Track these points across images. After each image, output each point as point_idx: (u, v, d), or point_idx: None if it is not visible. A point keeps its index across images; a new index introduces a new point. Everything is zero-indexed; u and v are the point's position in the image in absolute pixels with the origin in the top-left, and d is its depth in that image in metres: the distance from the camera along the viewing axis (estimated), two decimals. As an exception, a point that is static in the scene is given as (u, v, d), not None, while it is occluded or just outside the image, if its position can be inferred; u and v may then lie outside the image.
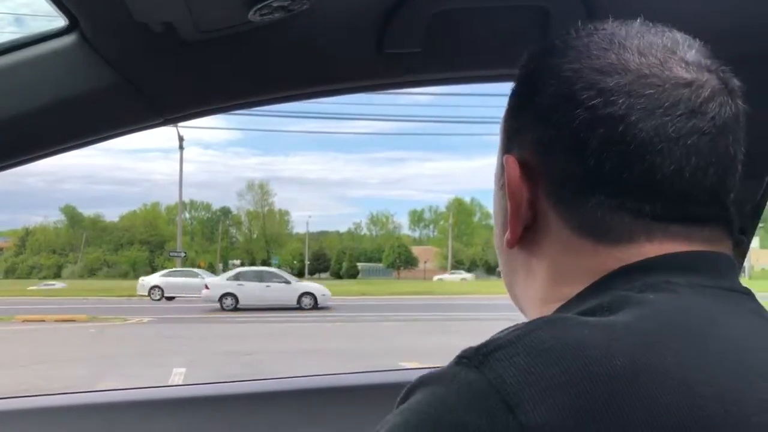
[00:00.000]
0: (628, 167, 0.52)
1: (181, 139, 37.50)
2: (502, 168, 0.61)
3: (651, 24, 0.57)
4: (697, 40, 0.57)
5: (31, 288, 35.73)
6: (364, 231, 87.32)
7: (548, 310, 0.55)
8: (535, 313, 0.59)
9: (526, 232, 0.58)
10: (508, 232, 0.59)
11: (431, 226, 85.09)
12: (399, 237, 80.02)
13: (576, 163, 0.53)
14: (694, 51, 0.55)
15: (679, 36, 0.56)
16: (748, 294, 0.54)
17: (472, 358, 0.44)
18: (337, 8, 0.82)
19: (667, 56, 0.53)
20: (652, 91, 0.52)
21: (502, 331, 0.47)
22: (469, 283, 44.72)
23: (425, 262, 69.43)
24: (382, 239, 79.86)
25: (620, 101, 0.52)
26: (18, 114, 0.85)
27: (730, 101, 0.54)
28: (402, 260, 70.50)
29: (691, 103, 0.52)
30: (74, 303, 24.34)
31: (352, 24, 0.85)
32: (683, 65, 0.53)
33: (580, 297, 0.53)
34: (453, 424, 0.41)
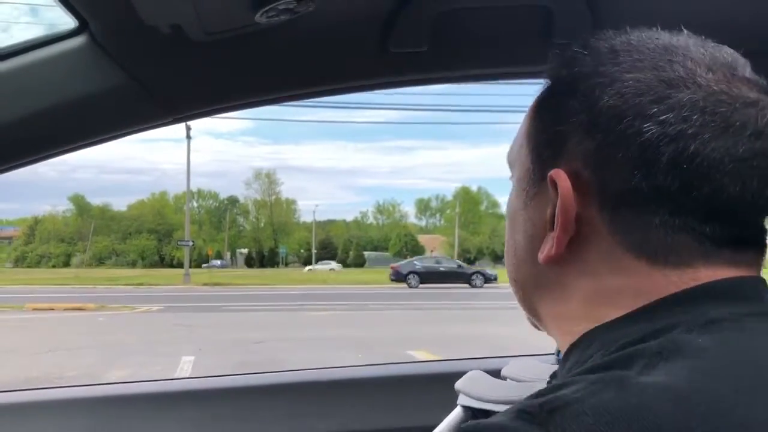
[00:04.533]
0: (697, 187, 0.50)
1: (188, 128, 37.53)
2: (533, 176, 0.58)
3: (697, 36, 0.56)
4: (714, 38, 0.56)
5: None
6: (371, 220, 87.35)
7: (582, 328, 0.54)
8: (563, 330, 0.58)
9: (566, 248, 0.55)
10: (550, 246, 0.55)
11: (438, 215, 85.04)
12: (406, 226, 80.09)
13: (641, 178, 0.51)
14: (749, 70, 0.54)
15: (733, 52, 0.55)
16: None
17: (536, 415, 0.42)
18: (342, 9, 0.83)
19: (731, 73, 0.52)
20: (724, 109, 0.50)
21: (556, 387, 0.45)
22: (338, 273, 45.47)
23: (432, 250, 69.44)
24: (389, 228, 79.89)
25: (694, 118, 0.50)
26: (29, 114, 0.87)
27: None
28: (409, 249, 70.55)
29: (758, 124, 0.50)
30: (83, 291, 24.50)
31: (358, 24, 0.86)
32: (746, 83, 0.52)
33: (622, 322, 0.52)
34: None
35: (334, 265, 48.63)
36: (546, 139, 0.58)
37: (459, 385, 0.92)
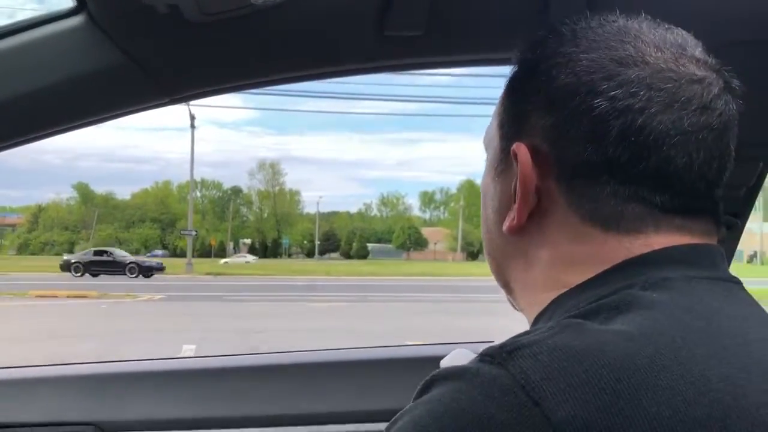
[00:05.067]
0: (645, 158, 0.53)
1: (192, 117, 37.59)
2: (501, 153, 0.62)
3: (653, 19, 0.59)
4: (692, 28, 0.59)
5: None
6: (375, 212, 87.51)
7: (546, 297, 0.57)
8: (529, 300, 0.61)
9: (528, 219, 0.59)
10: (512, 218, 0.59)
11: (442, 208, 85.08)
12: (409, 218, 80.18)
13: (592, 151, 0.54)
14: (699, 50, 0.57)
15: (685, 34, 0.58)
16: (737, 283, 0.56)
17: (495, 356, 0.45)
18: (338, -9, 0.83)
19: (679, 52, 0.55)
20: (669, 85, 0.53)
21: (519, 335, 0.48)
22: (253, 264, 45.90)
23: (435, 243, 69.52)
24: (393, 220, 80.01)
25: (641, 93, 0.53)
26: (25, 93, 0.87)
27: (731, 100, 0.56)
28: (412, 241, 70.64)
29: (703, 99, 0.54)
30: (85, 279, 24.58)
31: (353, 7, 0.86)
32: (694, 62, 0.55)
33: (582, 288, 0.54)
34: (478, 417, 0.41)
35: (249, 257, 48.63)
36: (511, 118, 0.61)
37: (444, 362, 0.94)
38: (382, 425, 0.45)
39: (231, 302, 16.25)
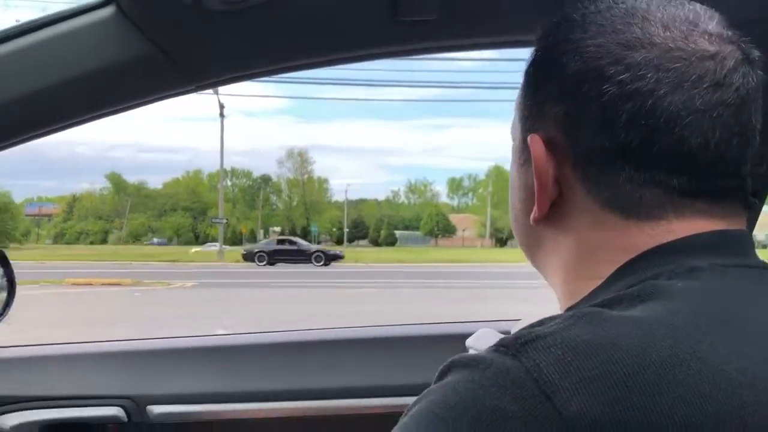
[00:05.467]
0: (657, 140, 0.52)
1: (221, 107, 37.86)
2: (523, 144, 0.61)
3: None
4: (712, 7, 0.57)
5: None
6: (402, 199, 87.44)
7: (577, 288, 0.57)
8: (562, 289, 0.61)
9: (551, 208, 0.59)
10: (535, 208, 0.59)
11: (470, 194, 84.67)
12: (437, 205, 79.98)
13: (604, 137, 0.54)
14: (714, 22, 0.55)
15: (698, 7, 0.56)
16: (767, 268, 0.55)
17: (510, 347, 0.45)
18: (353, -22, 0.86)
19: (690, 29, 0.54)
20: (678, 65, 0.52)
21: (536, 324, 0.48)
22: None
23: (463, 230, 69.30)
24: (420, 207, 79.90)
25: (648, 75, 0.52)
26: (59, 83, 0.92)
27: (751, 72, 0.54)
28: (440, 228, 70.52)
29: (716, 75, 0.52)
30: (119, 267, 25.05)
31: None
32: (706, 37, 0.54)
33: (609, 281, 0.54)
34: (491, 408, 0.42)
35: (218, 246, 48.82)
36: (528, 108, 0.61)
37: (470, 342, 0.97)
38: (409, 399, 0.48)
39: (261, 288, 16.44)
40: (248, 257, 29.16)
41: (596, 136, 0.54)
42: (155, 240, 64.48)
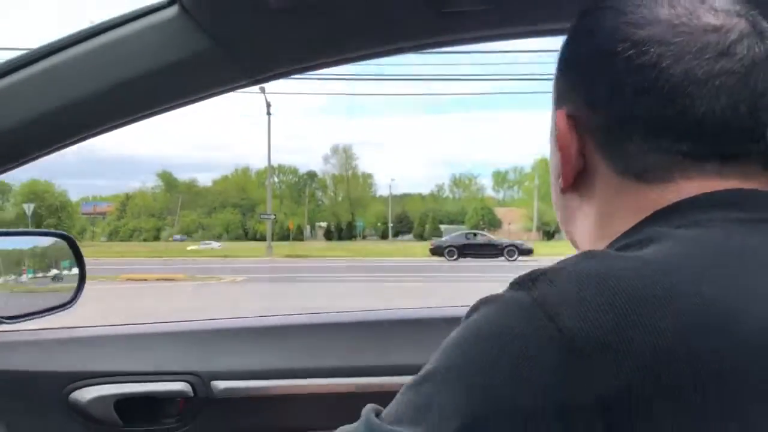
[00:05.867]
0: (662, 110, 0.57)
1: (268, 105, 38.35)
2: (552, 122, 0.67)
3: None
4: None
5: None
6: (447, 193, 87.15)
7: (600, 247, 0.61)
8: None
9: (579, 179, 0.64)
10: (561, 181, 0.66)
11: (516, 187, 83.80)
12: (482, 199, 79.45)
13: (616, 109, 0.59)
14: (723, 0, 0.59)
15: None
16: None
17: (521, 283, 0.51)
18: (399, -27, 0.90)
19: (696, 6, 0.58)
20: (680, 38, 0.56)
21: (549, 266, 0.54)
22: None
23: (509, 223, 68.69)
24: (465, 201, 79.50)
25: (652, 50, 0.57)
26: (127, 79, 0.99)
27: (759, 42, 0.57)
28: (485, 222, 70.02)
29: (719, 46, 0.56)
30: (172, 263, 25.67)
31: None
32: (712, 12, 0.58)
33: (624, 236, 0.58)
34: (503, 329, 0.48)
35: (214, 244, 48.78)
36: (557, 89, 0.68)
37: None
38: None
39: (309, 282, 16.66)
40: (437, 251, 28.39)
41: (609, 109, 0.60)
42: (177, 236, 66.28)
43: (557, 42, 0.72)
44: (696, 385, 0.44)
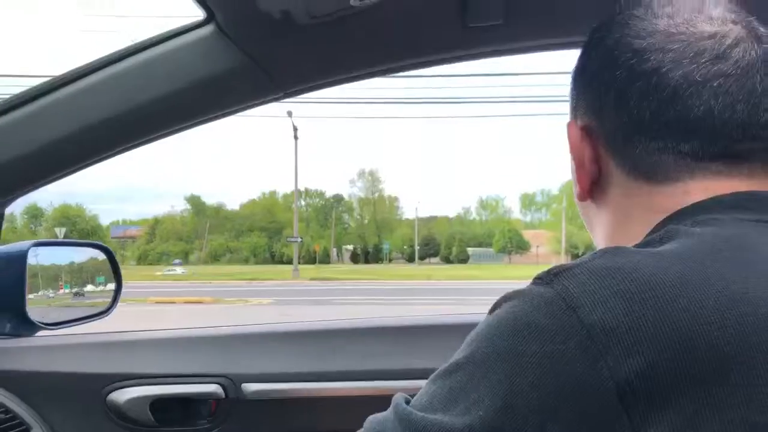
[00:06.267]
0: (664, 112, 0.60)
1: (295, 129, 38.71)
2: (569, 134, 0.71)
3: None
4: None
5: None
6: (474, 215, 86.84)
7: None
8: None
9: (595, 187, 0.69)
10: (576, 188, 0.70)
11: (543, 210, 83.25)
12: (509, 221, 79.00)
13: (622, 115, 0.63)
14: (720, 8, 0.63)
15: None
16: None
17: (544, 278, 0.53)
18: (425, -10, 0.95)
19: (692, 15, 0.63)
20: (678, 45, 0.61)
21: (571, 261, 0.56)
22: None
23: (537, 246, 68.13)
24: (493, 224, 79.10)
25: (652, 57, 0.61)
26: (167, 93, 1.04)
27: (754, 46, 0.61)
28: (513, 245, 69.58)
29: (714, 51, 0.60)
30: (200, 286, 25.88)
31: (438, 3, 0.97)
32: (708, 21, 0.62)
33: (643, 239, 0.60)
34: (527, 323, 0.50)
35: (178, 270, 48.54)
36: (570, 102, 0.72)
37: None
38: None
39: (337, 305, 16.68)
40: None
41: (616, 115, 0.64)
42: (175, 261, 67.15)
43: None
44: (712, 370, 0.45)
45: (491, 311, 0.56)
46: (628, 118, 0.63)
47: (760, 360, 0.46)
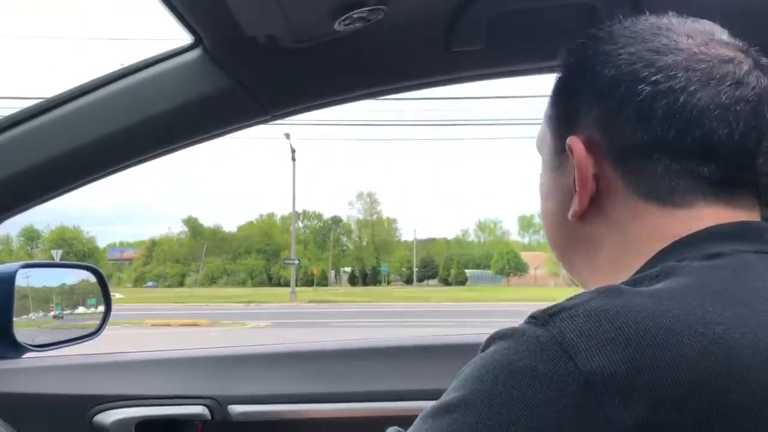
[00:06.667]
0: (690, 132, 0.59)
1: (293, 151, 38.84)
2: (557, 151, 0.68)
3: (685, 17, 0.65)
4: (735, 27, 0.64)
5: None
6: (472, 237, 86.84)
7: (614, 279, 0.59)
8: (595, 283, 0.63)
9: (590, 204, 0.64)
10: (575, 206, 0.65)
11: (541, 232, 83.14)
12: (507, 243, 78.97)
13: (642, 132, 0.60)
14: (726, 35, 0.64)
15: (711, 23, 0.65)
16: None
17: (539, 318, 0.51)
18: (409, 15, 0.96)
19: (708, 38, 0.62)
20: (704, 65, 0.59)
21: (565, 301, 0.54)
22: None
23: (536, 268, 68.02)
24: (491, 245, 79.06)
25: (679, 75, 0.59)
26: (154, 115, 1.06)
27: (762, 75, 0.61)
28: (511, 267, 69.47)
29: (735, 75, 0.59)
30: (196, 309, 25.79)
31: (422, 28, 0.99)
32: (723, 45, 0.62)
33: (641, 269, 0.59)
34: (523, 369, 0.48)
35: (117, 295, 48.77)
36: (562, 117, 0.68)
37: None
38: None
39: (333, 328, 16.61)
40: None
41: (635, 131, 0.60)
42: (149, 283, 67.77)
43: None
44: (714, 419, 0.45)
45: (484, 348, 0.54)
46: (650, 135, 0.60)
47: (763, 407, 0.46)
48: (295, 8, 0.88)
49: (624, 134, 0.61)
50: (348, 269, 75.68)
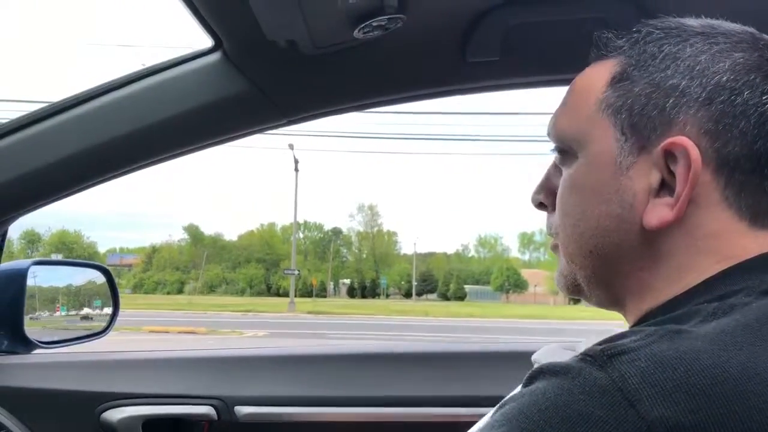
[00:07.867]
0: None
1: (296, 161, 38.88)
2: (629, 148, 0.61)
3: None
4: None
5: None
6: (472, 253, 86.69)
7: (658, 299, 0.59)
8: (638, 303, 0.62)
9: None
10: (666, 212, 0.58)
11: (542, 249, 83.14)
12: (508, 259, 78.85)
13: (758, 145, 0.57)
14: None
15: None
16: None
17: (597, 358, 0.48)
18: (427, 25, 0.97)
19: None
20: None
21: (617, 337, 0.52)
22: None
23: (535, 285, 67.89)
24: (491, 261, 78.92)
25: None
26: (173, 117, 1.07)
27: None
28: (511, 283, 69.35)
29: None
30: (194, 316, 25.75)
31: (439, 38, 1.00)
32: None
33: (694, 291, 0.57)
34: (579, 414, 0.45)
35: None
36: (646, 113, 0.60)
37: (536, 356, 1.03)
38: (476, 409, 0.54)
39: (331, 339, 16.56)
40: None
41: (750, 143, 0.57)
42: (127, 290, 67.31)
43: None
44: None
45: (527, 383, 0.51)
46: (765, 149, 0.57)
47: None
48: (316, 14, 0.89)
49: (738, 144, 0.57)
50: (347, 281, 75.53)
